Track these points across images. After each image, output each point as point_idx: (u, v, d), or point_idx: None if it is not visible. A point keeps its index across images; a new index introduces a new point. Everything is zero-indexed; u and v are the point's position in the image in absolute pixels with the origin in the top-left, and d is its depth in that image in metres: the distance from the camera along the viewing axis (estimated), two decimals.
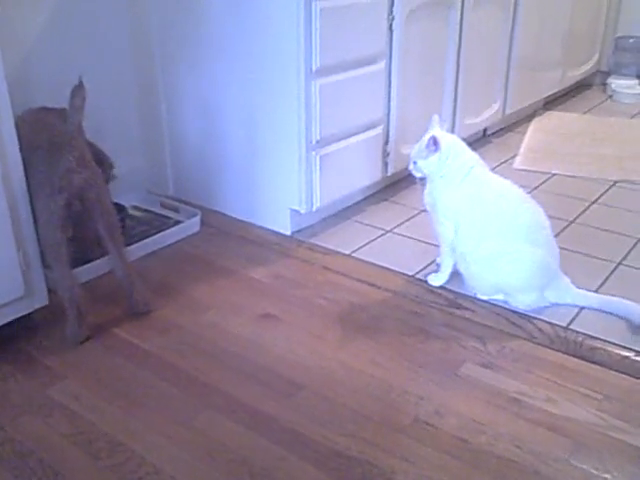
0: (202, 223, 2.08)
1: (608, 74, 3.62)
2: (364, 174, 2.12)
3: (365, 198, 2.25)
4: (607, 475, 1.17)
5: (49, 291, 1.56)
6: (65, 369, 1.46)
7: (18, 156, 1.43)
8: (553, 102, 3.37)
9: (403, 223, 2.10)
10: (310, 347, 1.52)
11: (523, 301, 1.62)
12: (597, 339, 1.51)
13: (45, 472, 1.19)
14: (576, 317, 1.59)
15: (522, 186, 1.65)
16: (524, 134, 2.90)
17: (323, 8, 1.74)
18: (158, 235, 1.98)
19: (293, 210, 1.98)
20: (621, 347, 1.48)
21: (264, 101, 1.90)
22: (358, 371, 1.44)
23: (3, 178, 1.40)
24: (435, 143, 1.59)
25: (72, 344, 1.53)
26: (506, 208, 1.60)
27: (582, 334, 1.52)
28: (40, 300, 1.54)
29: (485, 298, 1.67)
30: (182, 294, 1.74)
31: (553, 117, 3.17)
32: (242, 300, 1.71)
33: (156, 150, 2.26)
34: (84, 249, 1.71)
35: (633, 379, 1.41)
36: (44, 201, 1.45)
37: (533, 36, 2.85)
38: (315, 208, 1.96)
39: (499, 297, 1.66)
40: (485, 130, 2.83)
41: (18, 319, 1.51)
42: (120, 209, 1.91)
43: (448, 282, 1.72)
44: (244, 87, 1.94)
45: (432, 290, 1.72)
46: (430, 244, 1.89)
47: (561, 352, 1.50)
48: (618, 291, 1.65)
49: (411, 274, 1.80)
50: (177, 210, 2.15)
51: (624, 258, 1.86)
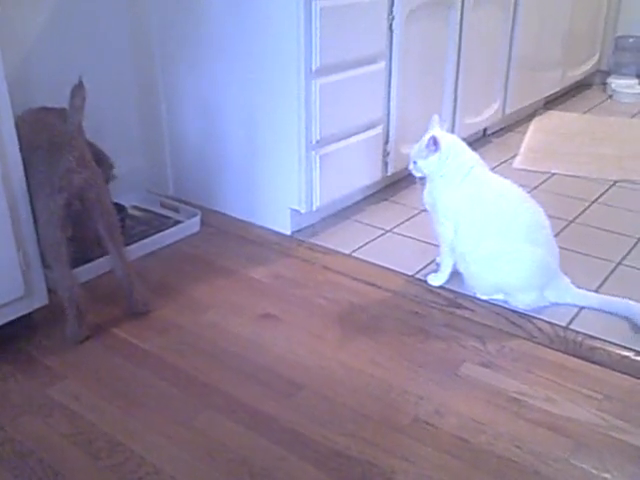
0: (202, 223, 2.08)
1: (608, 74, 3.63)
2: (364, 174, 2.12)
3: (365, 198, 2.25)
4: (607, 475, 1.17)
5: (49, 291, 1.56)
6: (65, 369, 1.46)
7: (18, 156, 1.43)
8: (553, 102, 3.37)
9: (403, 223, 2.10)
10: (310, 347, 1.52)
11: (523, 301, 1.62)
12: (597, 339, 1.51)
13: (45, 472, 1.19)
14: (576, 317, 1.59)
15: (522, 186, 1.65)
16: (524, 134, 2.90)
17: (323, 8, 1.74)
18: (158, 235, 1.98)
19: (293, 210, 1.98)
20: (621, 347, 1.48)
21: (264, 101, 1.90)
22: (358, 371, 1.44)
23: (3, 178, 1.40)
24: (435, 143, 1.59)
25: (72, 344, 1.53)
26: (506, 208, 1.60)
27: (582, 334, 1.52)
28: (40, 300, 1.54)
29: (485, 298, 1.67)
30: (182, 294, 1.74)
31: (553, 117, 3.17)
32: (242, 300, 1.71)
33: (156, 150, 2.26)
34: (84, 249, 1.71)
35: (633, 379, 1.41)
36: (44, 201, 1.45)
37: (533, 36, 2.85)
38: (315, 208, 1.96)
39: (499, 297, 1.66)
40: (485, 130, 2.83)
41: (18, 319, 1.51)
42: (120, 209, 1.91)
43: (448, 282, 1.72)
44: (244, 87, 1.94)
45: (432, 290, 1.72)
46: (430, 244, 1.89)
47: (561, 352, 1.50)
48: (618, 291, 1.65)
49: (411, 274, 1.80)
50: (177, 210, 2.15)
51: (624, 258, 1.86)
